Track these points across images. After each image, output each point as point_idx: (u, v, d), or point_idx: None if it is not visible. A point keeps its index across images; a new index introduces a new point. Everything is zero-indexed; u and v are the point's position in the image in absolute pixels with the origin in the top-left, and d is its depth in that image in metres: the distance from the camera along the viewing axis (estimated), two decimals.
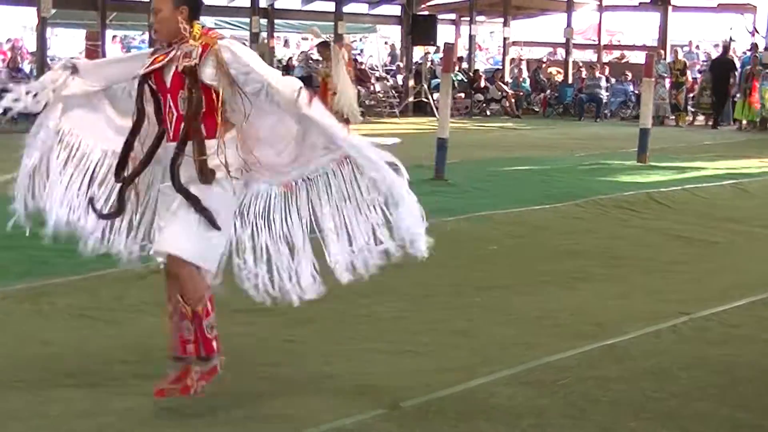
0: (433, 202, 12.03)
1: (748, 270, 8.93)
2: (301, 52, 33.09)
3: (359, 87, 16.67)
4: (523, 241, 10.05)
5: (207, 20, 29.84)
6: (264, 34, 26.45)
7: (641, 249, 9.75)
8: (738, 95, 26.52)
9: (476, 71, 29.80)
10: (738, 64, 27.13)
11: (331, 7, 27.40)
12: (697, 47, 33.35)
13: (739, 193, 13.79)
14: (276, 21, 28.11)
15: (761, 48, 26.93)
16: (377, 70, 30.71)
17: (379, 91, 27.44)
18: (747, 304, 7.58)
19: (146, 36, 24.56)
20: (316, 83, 25.86)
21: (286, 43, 38.00)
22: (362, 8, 30.38)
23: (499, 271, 8.63)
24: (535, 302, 7.57)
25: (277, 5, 28.11)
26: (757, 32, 28.45)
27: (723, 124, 26.84)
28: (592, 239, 10.21)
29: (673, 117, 27.18)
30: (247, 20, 25.15)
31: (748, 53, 27.67)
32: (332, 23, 26.78)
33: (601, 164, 16.58)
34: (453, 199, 12.44)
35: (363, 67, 28.98)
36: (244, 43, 27.00)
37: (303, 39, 37.78)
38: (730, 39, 29.80)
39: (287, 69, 27.51)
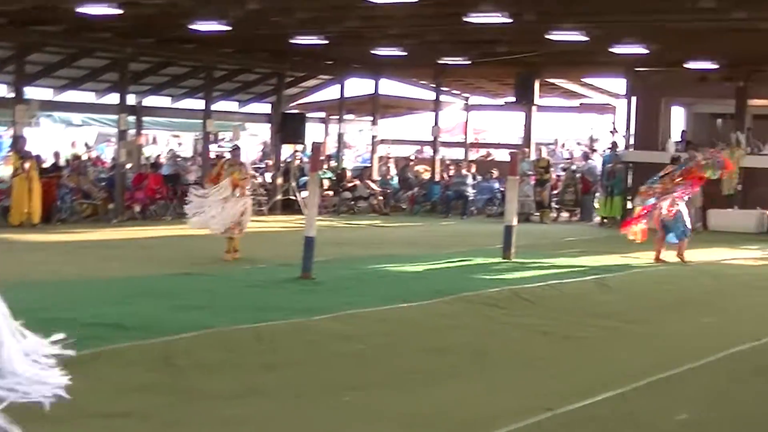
0: (300, 300, 12.06)
1: (611, 364, 9.10)
2: (170, 150, 32.97)
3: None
4: (391, 339, 10.05)
5: (75, 117, 29.57)
6: (132, 132, 26.28)
7: (508, 345, 9.86)
8: (599, 194, 27.36)
9: (344, 169, 30.05)
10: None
11: (200, 105, 27.41)
12: (563, 146, 34.27)
13: (601, 289, 14.10)
14: (144, 118, 27.99)
15: (621, 147, 27.79)
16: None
17: None
18: (610, 397, 7.70)
19: (11, 131, 24.10)
20: (184, 181, 25.97)
21: (154, 140, 37.83)
22: (232, 106, 30.46)
23: (368, 370, 8.61)
24: (403, 400, 7.55)
25: (145, 102, 28.02)
26: (617, 131, 29.33)
27: (586, 220, 27.57)
28: (459, 336, 10.29)
29: (538, 214, 27.73)
30: (116, 117, 24.93)
31: (609, 151, 28.50)
32: (201, 121, 26.78)
33: (468, 261, 16.79)
34: (321, 297, 12.42)
35: None
36: (109, 140, 26.82)
37: (174, 136, 37.73)
38: (592, 138, 30.68)
39: (155, 166, 27.35)
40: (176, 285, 13.10)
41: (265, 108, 30.75)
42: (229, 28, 20.86)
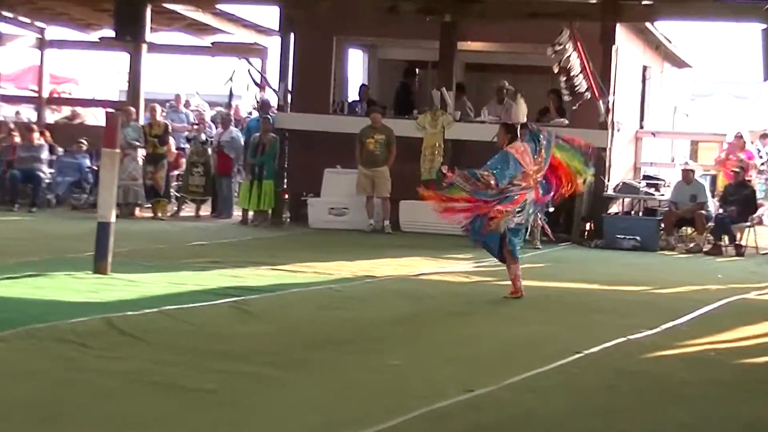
0: None
1: (254, 429, 9.14)
2: None
3: None
4: None
5: None
6: None
7: (95, 402, 9.71)
8: (243, 176, 27.64)
9: None
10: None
11: None
12: (186, 104, 33.96)
13: (241, 317, 14.22)
14: None
15: (274, 105, 28.12)
16: None
17: None
18: None
19: None
20: None
21: None
22: None
23: None
24: None
25: None
26: (269, 85, 29.67)
27: (222, 215, 27.81)
28: (20, 390, 10.06)
29: (150, 205, 27.67)
30: None
31: (256, 114, 28.80)
32: None
33: (42, 276, 16.55)
34: None
35: None
36: None
37: None
38: (231, 93, 30.94)
39: None
40: None
41: None
42: None
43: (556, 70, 25.66)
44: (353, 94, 29.58)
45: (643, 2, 26.31)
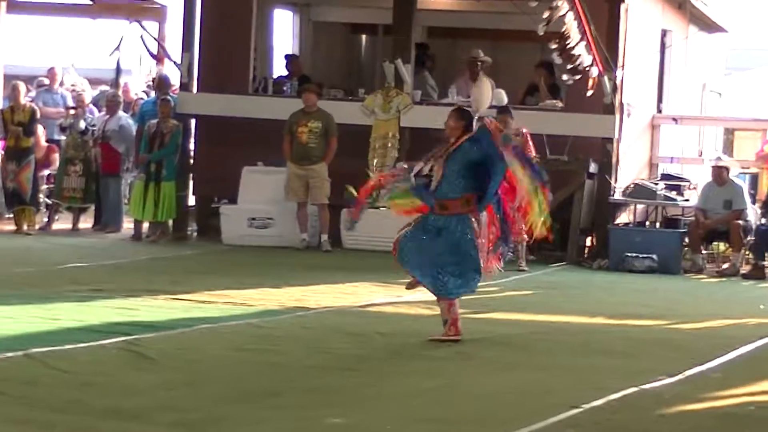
0: None
1: None
2: None
3: None
4: None
5: None
6: None
7: None
8: (134, 173, 27.60)
9: None
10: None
11: None
12: (61, 84, 33.71)
13: (134, 361, 14.20)
14: None
15: (175, 83, 28.11)
16: None
17: None
18: None
19: None
20: None
21: None
22: None
23: None
24: None
25: None
26: (168, 56, 29.67)
27: (108, 228, 27.78)
28: None
29: (12, 215, 27.62)
30: None
31: (151, 93, 28.79)
32: None
33: None
34: None
35: None
36: None
37: None
38: (119, 68, 30.93)
39: None
40: None
41: None
42: None
43: (541, 33, 24.97)
44: (280, 68, 29.61)
45: None
